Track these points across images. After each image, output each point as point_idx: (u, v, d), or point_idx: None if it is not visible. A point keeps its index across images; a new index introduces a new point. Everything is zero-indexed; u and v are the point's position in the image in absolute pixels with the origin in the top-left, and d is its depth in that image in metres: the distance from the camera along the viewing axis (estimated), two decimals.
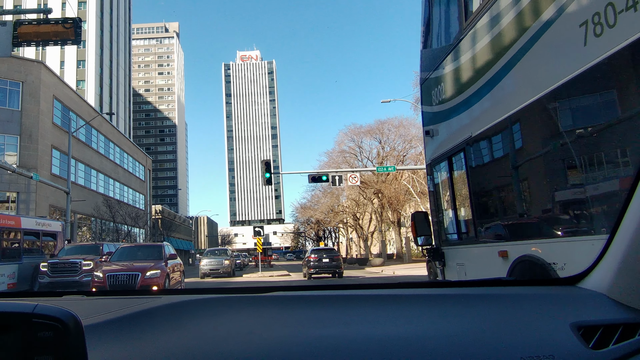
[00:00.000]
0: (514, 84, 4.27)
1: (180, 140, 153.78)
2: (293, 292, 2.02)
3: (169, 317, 1.60)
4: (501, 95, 4.48)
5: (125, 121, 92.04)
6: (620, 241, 1.59)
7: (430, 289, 1.99)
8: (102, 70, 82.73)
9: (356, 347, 1.38)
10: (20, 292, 3.73)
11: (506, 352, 1.35)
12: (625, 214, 1.57)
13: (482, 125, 4.86)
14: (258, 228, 30.69)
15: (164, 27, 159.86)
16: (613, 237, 1.64)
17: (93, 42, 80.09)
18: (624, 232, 1.57)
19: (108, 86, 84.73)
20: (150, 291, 2.37)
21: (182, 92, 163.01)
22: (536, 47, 3.83)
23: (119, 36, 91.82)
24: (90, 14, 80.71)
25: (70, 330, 1.01)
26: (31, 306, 1.02)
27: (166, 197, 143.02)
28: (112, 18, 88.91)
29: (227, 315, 1.63)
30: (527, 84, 4.03)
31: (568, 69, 3.41)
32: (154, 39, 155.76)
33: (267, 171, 27.56)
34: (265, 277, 27.54)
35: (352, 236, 72.18)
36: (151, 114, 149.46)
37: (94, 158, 44.70)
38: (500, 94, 4.50)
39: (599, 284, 1.69)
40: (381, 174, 51.91)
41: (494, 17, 4.52)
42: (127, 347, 1.39)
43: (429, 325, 1.53)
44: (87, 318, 1.48)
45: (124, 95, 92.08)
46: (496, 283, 2.09)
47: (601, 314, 1.54)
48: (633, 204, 1.53)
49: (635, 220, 1.51)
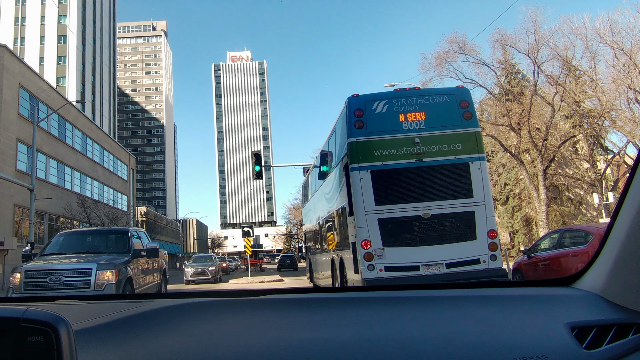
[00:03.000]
0: (314, 215, 17.16)
1: (168, 141, 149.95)
2: (286, 295, 1.98)
3: (163, 321, 1.59)
4: (312, 217, 18.03)
5: (110, 120, 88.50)
6: (614, 242, 1.60)
7: (423, 291, 1.99)
8: (84, 67, 79.18)
9: (349, 349, 1.40)
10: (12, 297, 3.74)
11: (500, 353, 1.38)
12: (618, 216, 1.58)
13: (308, 222, 20.28)
14: (247, 228, 27.28)
15: (151, 25, 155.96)
16: (607, 238, 1.66)
17: (74, 37, 76.56)
18: (617, 234, 1.58)
19: (91, 83, 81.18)
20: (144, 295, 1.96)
21: (170, 92, 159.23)
22: (318, 206, 16.04)
23: (102, 32, 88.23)
24: (71, 8, 77.15)
25: (61, 335, 1.01)
26: (21, 311, 1.02)
27: (154, 199, 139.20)
28: (96, 13, 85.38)
29: (220, 318, 1.64)
30: (315, 216, 16.84)
31: (321, 215, 15.16)
32: (141, 38, 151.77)
33: (257, 164, 24.35)
34: (255, 283, 24.20)
35: None
36: (138, 114, 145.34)
37: (68, 154, 41.04)
38: (312, 216, 17.93)
39: (593, 285, 1.72)
40: None
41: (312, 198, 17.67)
42: (120, 352, 1.37)
43: (422, 327, 1.54)
44: (78, 322, 1.49)
45: (108, 94, 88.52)
46: (490, 284, 2.11)
47: (595, 315, 1.56)
48: (625, 206, 1.55)
49: (628, 221, 1.51)
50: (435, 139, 10.03)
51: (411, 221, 9.69)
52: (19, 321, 1.00)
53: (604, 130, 31.17)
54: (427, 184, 9.95)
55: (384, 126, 10.14)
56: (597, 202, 27.70)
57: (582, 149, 35.51)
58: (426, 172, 9.98)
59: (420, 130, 10.07)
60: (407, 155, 9.96)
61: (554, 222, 36.51)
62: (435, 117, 10.17)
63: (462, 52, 29.57)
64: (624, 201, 1.56)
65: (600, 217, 30.14)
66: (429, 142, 10.00)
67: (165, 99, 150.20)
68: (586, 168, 35.80)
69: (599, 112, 28.66)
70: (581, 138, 33.91)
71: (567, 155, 36.04)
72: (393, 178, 9.97)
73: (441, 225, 9.77)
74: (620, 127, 27.49)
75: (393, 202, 9.80)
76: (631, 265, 1.53)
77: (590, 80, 28.89)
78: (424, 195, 9.81)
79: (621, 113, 27.06)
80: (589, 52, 27.69)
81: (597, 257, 1.73)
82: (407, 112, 10.15)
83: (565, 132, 33.01)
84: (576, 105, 30.90)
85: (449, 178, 10.00)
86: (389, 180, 9.94)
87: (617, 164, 33.66)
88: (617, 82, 26.23)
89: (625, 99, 26.50)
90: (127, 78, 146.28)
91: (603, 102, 27.43)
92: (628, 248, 1.53)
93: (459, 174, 9.97)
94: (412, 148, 9.99)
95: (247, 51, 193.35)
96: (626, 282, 1.57)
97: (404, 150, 9.99)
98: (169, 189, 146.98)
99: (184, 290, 20.67)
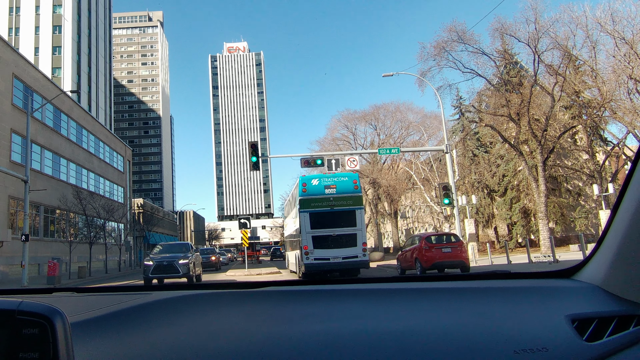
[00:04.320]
0: (287, 231, 27.31)
1: (165, 133, 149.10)
2: (285, 287, 1.96)
3: (161, 313, 1.59)
4: (287, 231, 27.96)
5: (106, 112, 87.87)
6: (615, 234, 1.59)
7: (422, 283, 1.98)
8: (79, 57, 78.42)
9: (347, 341, 1.39)
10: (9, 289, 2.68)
11: (500, 345, 1.37)
12: (619, 208, 1.58)
13: (286, 233, 30.16)
14: (244, 220, 27.04)
15: (147, 15, 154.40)
16: (607, 230, 1.65)
17: (70, 27, 75.76)
18: (618, 225, 1.58)
19: (86, 74, 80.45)
20: (141, 287, 2.25)
21: (166, 83, 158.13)
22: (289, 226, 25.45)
23: (98, 22, 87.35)
24: None
25: (56, 327, 1.00)
26: (16, 303, 1.02)
27: (151, 191, 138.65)
28: (91, 3, 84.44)
29: (218, 311, 1.63)
30: (288, 232, 26.65)
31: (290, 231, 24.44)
32: (136, 28, 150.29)
33: (254, 154, 24.18)
34: (252, 276, 23.99)
35: None
36: (134, 106, 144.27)
37: (63, 146, 40.63)
38: (287, 231, 27.81)
39: (594, 277, 1.72)
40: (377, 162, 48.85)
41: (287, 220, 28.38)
42: (116, 344, 1.37)
43: (421, 319, 1.54)
44: (75, 315, 1.48)
45: (104, 85, 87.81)
46: (490, 276, 2.09)
47: (596, 306, 1.56)
48: (626, 198, 1.54)
49: (629, 213, 1.51)
50: (340, 198, 19.12)
51: (327, 237, 18.72)
52: (14, 313, 0.99)
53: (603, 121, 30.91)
54: (335, 220, 18.86)
55: (316, 192, 19.20)
56: (597, 194, 27.50)
57: (581, 140, 35.30)
58: (335, 214, 18.99)
59: (333, 194, 19.12)
60: (326, 206, 19.02)
61: (553, 214, 36.38)
62: (340, 188, 19.27)
63: (461, 41, 29.19)
64: (625, 193, 1.56)
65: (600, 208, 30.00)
66: (337, 200, 19.10)
67: (162, 90, 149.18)
68: (585, 159, 35.61)
69: (599, 103, 28.40)
70: (580, 129, 33.68)
71: (566, 146, 35.84)
72: (319, 216, 18.93)
73: (341, 239, 18.74)
74: (621, 118, 27.24)
75: (319, 227, 18.80)
76: (632, 257, 1.53)
77: (591, 70, 28.59)
78: (333, 225, 18.81)
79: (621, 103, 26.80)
80: (589, 41, 27.33)
81: (597, 248, 1.72)
82: (327, 185, 19.25)
83: (564, 123, 32.77)
84: (575, 96, 30.63)
85: (345, 217, 18.91)
86: (317, 218, 18.93)
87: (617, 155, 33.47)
88: (617, 72, 25.93)
89: (626, 89, 26.23)
90: (123, 69, 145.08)
91: (603, 92, 27.16)
92: (628, 240, 1.52)
93: (350, 215, 18.94)
94: (329, 202, 19.08)
95: (244, 42, 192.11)
96: (627, 274, 1.57)
97: (325, 204, 19.05)
98: (165, 180, 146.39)
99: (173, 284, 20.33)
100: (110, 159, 54.87)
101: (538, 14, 27.29)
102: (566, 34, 27.60)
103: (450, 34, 29.44)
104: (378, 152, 27.16)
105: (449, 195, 23.21)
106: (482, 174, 41.21)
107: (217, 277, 25.39)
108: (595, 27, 26.76)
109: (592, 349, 1.38)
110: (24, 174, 26.04)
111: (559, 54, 28.13)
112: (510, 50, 30.63)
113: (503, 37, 29.54)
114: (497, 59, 30.17)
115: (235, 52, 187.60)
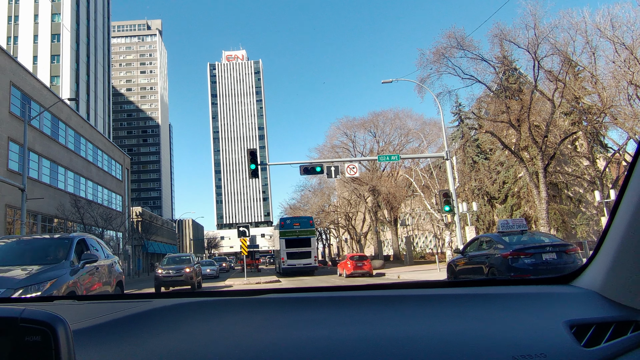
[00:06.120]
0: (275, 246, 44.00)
1: (163, 141, 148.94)
2: (285, 294, 1.97)
3: (161, 320, 1.59)
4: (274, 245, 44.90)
5: (105, 120, 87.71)
6: (613, 240, 1.59)
7: (422, 290, 1.98)
8: (78, 66, 78.42)
9: (349, 348, 1.40)
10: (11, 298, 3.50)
11: (498, 351, 1.37)
12: (617, 214, 1.58)
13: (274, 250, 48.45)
14: (243, 228, 26.78)
15: (146, 24, 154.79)
16: (605, 236, 1.65)
17: (68, 36, 75.80)
18: (615, 232, 1.58)
19: (85, 83, 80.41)
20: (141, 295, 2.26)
21: (165, 91, 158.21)
22: (275, 244, 42.40)
23: (96, 31, 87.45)
24: (65, 6, 76.35)
25: (59, 334, 1.01)
26: (19, 310, 1.03)
27: (149, 199, 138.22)
28: (90, 12, 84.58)
29: (219, 318, 1.64)
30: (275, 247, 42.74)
31: (276, 246, 40.88)
32: (135, 37, 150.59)
33: (252, 162, 23.96)
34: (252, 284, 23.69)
35: (346, 237, 68.78)
36: (133, 114, 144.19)
37: (61, 154, 40.41)
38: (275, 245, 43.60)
39: (592, 283, 1.72)
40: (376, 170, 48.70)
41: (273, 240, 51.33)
42: (118, 352, 1.38)
43: (421, 325, 1.54)
44: (77, 322, 1.50)
45: (102, 93, 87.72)
46: (489, 282, 2.09)
47: (594, 312, 1.57)
48: (623, 204, 1.54)
49: (626, 219, 1.51)
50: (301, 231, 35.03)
51: (294, 252, 33.98)
52: (17, 321, 1.00)
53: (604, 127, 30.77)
54: (299, 243, 34.23)
55: (289, 227, 35.24)
56: (598, 200, 27.30)
57: (582, 146, 35.17)
58: (299, 240, 34.48)
59: (298, 228, 35.25)
60: (294, 235, 34.78)
61: (554, 221, 36.16)
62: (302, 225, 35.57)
63: (460, 47, 29.11)
64: (622, 199, 1.56)
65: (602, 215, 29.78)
66: (300, 232, 34.94)
67: (161, 98, 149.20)
68: (586, 166, 35.46)
69: (599, 109, 28.27)
70: (581, 135, 33.56)
71: (566, 152, 35.70)
72: (290, 241, 34.41)
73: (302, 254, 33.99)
74: (621, 124, 27.10)
75: (290, 247, 34.18)
76: (630, 263, 1.53)
77: (591, 76, 28.49)
78: (298, 246, 34.11)
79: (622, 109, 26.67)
80: (589, 47, 27.26)
81: (595, 254, 1.72)
82: (294, 222, 35.93)
83: (565, 129, 32.65)
84: (576, 102, 30.52)
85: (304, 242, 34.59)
86: (289, 242, 34.36)
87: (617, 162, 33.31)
88: (617, 78, 25.83)
89: (626, 95, 26.11)
90: (122, 77, 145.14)
91: (603, 98, 27.04)
92: (627, 246, 1.52)
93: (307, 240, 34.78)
94: (295, 233, 34.82)
95: (243, 50, 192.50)
96: (625, 280, 1.56)
97: (294, 234, 34.73)
98: (164, 189, 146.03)
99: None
100: (109, 167, 54.63)
101: (537, 19, 27.25)
102: (566, 39, 27.56)
103: (449, 40, 29.38)
104: (377, 159, 26.96)
105: (450, 202, 23.00)
106: (482, 180, 41.04)
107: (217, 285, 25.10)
108: (594, 33, 26.72)
109: (590, 354, 1.39)
110: (21, 183, 25.78)
111: (558, 60, 28.05)
112: (509, 56, 30.56)
113: (502, 43, 29.47)
114: (496, 65, 30.08)
115: (233, 60, 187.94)
